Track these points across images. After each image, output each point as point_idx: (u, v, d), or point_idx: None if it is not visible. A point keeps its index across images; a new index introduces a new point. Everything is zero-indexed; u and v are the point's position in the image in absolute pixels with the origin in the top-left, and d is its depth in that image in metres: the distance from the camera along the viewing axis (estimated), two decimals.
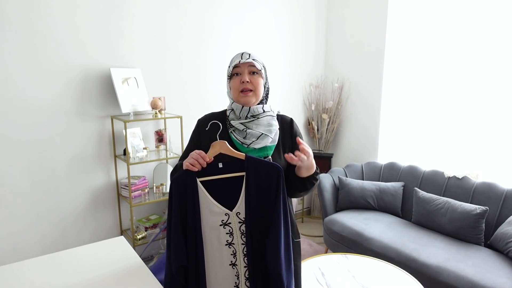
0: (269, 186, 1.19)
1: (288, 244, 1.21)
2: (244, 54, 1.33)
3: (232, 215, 1.20)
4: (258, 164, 1.20)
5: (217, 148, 1.21)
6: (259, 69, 1.32)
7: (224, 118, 1.40)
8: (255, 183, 1.19)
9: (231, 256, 1.22)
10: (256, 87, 1.32)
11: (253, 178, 1.19)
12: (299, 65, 3.65)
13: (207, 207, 1.20)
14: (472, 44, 2.72)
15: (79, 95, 2.49)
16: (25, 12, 2.23)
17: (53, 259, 1.46)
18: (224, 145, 1.21)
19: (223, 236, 1.21)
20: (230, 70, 1.34)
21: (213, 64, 3.08)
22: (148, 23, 2.69)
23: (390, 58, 3.28)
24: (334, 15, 3.72)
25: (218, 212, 1.20)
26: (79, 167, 2.55)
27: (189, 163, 1.19)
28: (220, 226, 1.20)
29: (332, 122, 3.73)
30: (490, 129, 2.69)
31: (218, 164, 1.20)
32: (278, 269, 1.15)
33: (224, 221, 1.20)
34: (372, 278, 1.98)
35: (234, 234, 1.21)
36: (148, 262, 2.74)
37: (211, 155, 1.21)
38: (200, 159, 1.18)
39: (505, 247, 2.23)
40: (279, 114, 1.43)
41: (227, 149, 1.21)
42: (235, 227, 1.21)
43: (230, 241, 1.21)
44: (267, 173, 1.19)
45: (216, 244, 1.21)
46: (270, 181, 1.19)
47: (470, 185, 2.61)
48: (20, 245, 2.40)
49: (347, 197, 2.98)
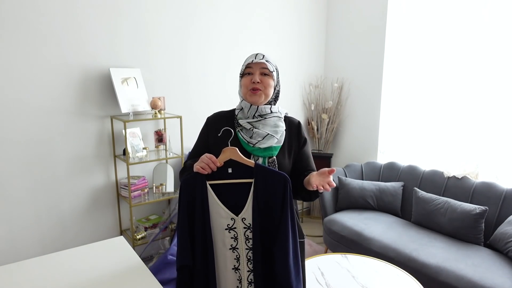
0: (276, 194, 1.21)
1: (296, 252, 1.23)
2: (258, 55, 1.36)
3: (238, 220, 1.22)
4: (267, 173, 1.23)
5: (227, 154, 1.24)
6: (271, 70, 1.34)
7: (233, 117, 1.42)
8: (263, 190, 1.21)
9: (235, 260, 1.24)
10: (266, 87, 1.34)
11: (261, 185, 1.21)
12: (298, 65, 3.65)
13: (215, 210, 1.22)
14: (472, 44, 2.72)
15: (78, 95, 2.49)
16: (25, 12, 2.23)
17: (53, 259, 1.46)
18: (235, 152, 1.24)
19: (228, 240, 1.23)
20: (243, 68, 1.37)
21: (213, 64, 3.08)
22: (148, 23, 2.69)
23: (390, 58, 3.28)
24: (334, 15, 3.72)
25: (225, 216, 1.22)
26: (79, 167, 2.55)
27: (200, 167, 1.22)
28: (225, 230, 1.23)
29: (332, 122, 3.73)
30: (489, 129, 2.69)
31: (227, 169, 1.23)
32: (288, 279, 1.16)
33: (229, 225, 1.23)
34: (372, 278, 1.98)
35: (238, 239, 1.23)
36: (148, 262, 2.74)
37: (222, 160, 1.24)
38: (211, 163, 1.21)
39: (504, 247, 2.24)
40: (287, 116, 1.45)
41: (237, 156, 1.24)
42: (239, 232, 1.23)
43: (234, 246, 1.23)
44: (274, 181, 1.21)
45: (221, 247, 1.23)
46: (277, 190, 1.21)
47: (470, 185, 2.61)
48: (20, 245, 2.39)
49: (347, 197, 2.98)
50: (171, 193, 2.75)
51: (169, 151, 2.78)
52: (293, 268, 1.19)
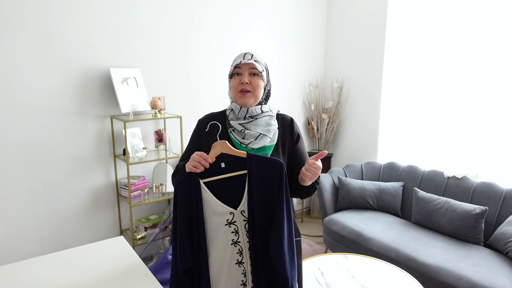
0: (272, 182, 1.19)
1: (291, 239, 1.22)
2: (246, 55, 1.32)
3: (237, 214, 1.20)
4: (260, 161, 1.20)
5: (218, 149, 1.22)
6: (260, 70, 1.31)
7: (224, 118, 1.40)
8: (258, 180, 1.19)
9: (237, 254, 1.22)
10: (255, 88, 1.31)
11: (256, 175, 1.19)
12: (298, 65, 3.65)
13: (211, 208, 1.20)
14: (472, 45, 2.72)
15: (78, 95, 2.49)
16: (25, 12, 2.23)
17: (53, 259, 1.46)
18: (225, 145, 1.22)
19: (229, 235, 1.21)
20: (232, 69, 1.34)
21: (213, 64, 3.08)
22: (148, 23, 2.69)
23: (390, 58, 3.28)
24: (334, 15, 3.72)
25: (223, 211, 1.20)
26: (79, 167, 2.55)
27: (191, 166, 1.19)
28: (225, 225, 1.20)
29: (332, 122, 3.73)
30: (489, 129, 2.69)
31: (220, 164, 1.20)
32: (282, 263, 1.15)
33: (229, 220, 1.20)
34: (372, 278, 1.98)
35: (239, 233, 1.21)
36: (148, 262, 2.74)
37: (213, 155, 1.21)
38: (203, 160, 1.18)
39: (504, 247, 2.24)
40: (279, 114, 1.42)
41: (228, 149, 1.22)
42: (240, 226, 1.21)
43: (235, 240, 1.21)
44: (269, 169, 1.20)
45: (223, 243, 1.21)
46: (272, 177, 1.19)
47: (470, 185, 2.61)
48: (19, 245, 2.39)
49: (347, 197, 2.98)
50: (171, 193, 2.75)
51: (169, 151, 2.78)
52: (287, 253, 1.18)
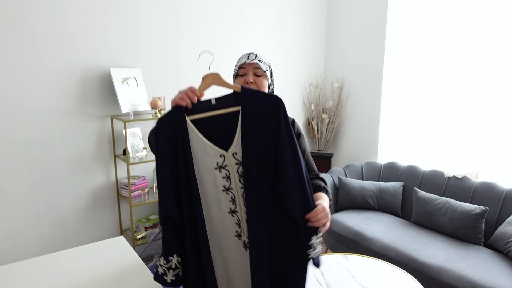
0: (269, 120, 1.04)
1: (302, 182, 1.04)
2: (250, 55, 1.33)
3: (228, 156, 1.05)
4: (256, 96, 1.05)
5: (209, 81, 1.08)
6: (264, 70, 1.33)
7: None
8: (253, 117, 1.03)
9: (230, 203, 1.07)
10: (260, 88, 1.32)
11: (251, 111, 1.03)
12: (299, 65, 3.65)
13: (200, 148, 1.04)
14: (472, 45, 2.72)
15: (79, 95, 2.49)
16: (25, 12, 2.23)
17: (53, 259, 1.46)
18: (217, 76, 1.08)
19: (219, 180, 1.06)
20: (236, 69, 1.35)
21: (213, 63, 3.07)
22: (148, 23, 2.69)
23: (390, 58, 3.28)
24: (334, 15, 3.72)
25: (212, 153, 1.05)
26: (79, 167, 2.55)
27: (177, 98, 1.05)
28: (215, 169, 1.06)
29: (332, 122, 3.73)
30: (489, 129, 2.69)
31: (210, 100, 1.06)
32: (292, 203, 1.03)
33: (219, 163, 1.05)
34: (372, 278, 1.98)
35: (231, 178, 1.06)
36: (148, 262, 2.74)
37: (203, 89, 1.08)
38: (190, 93, 1.05)
39: (504, 247, 2.23)
40: None
41: (220, 81, 1.07)
42: (232, 170, 1.05)
43: (227, 187, 1.06)
44: (266, 105, 1.04)
45: (213, 189, 1.07)
46: (270, 114, 1.03)
47: (470, 185, 2.61)
48: (20, 245, 2.40)
49: (347, 197, 2.98)
50: None
51: None
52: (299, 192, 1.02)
